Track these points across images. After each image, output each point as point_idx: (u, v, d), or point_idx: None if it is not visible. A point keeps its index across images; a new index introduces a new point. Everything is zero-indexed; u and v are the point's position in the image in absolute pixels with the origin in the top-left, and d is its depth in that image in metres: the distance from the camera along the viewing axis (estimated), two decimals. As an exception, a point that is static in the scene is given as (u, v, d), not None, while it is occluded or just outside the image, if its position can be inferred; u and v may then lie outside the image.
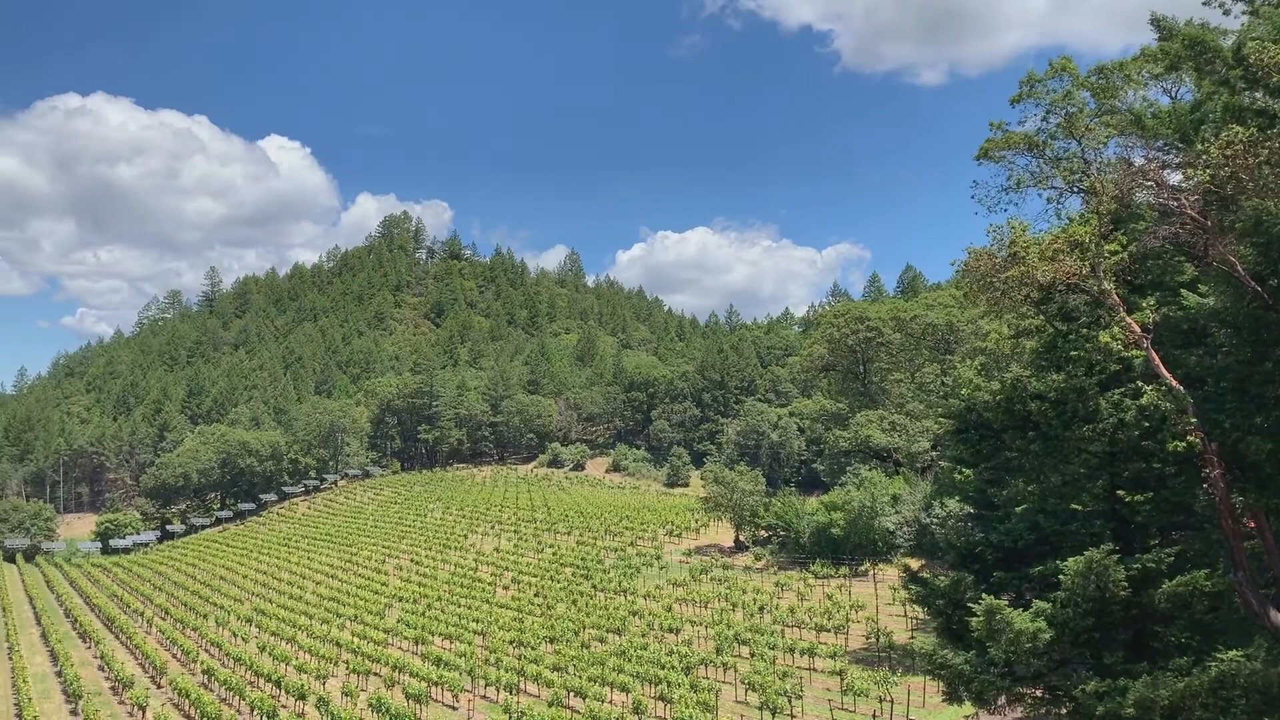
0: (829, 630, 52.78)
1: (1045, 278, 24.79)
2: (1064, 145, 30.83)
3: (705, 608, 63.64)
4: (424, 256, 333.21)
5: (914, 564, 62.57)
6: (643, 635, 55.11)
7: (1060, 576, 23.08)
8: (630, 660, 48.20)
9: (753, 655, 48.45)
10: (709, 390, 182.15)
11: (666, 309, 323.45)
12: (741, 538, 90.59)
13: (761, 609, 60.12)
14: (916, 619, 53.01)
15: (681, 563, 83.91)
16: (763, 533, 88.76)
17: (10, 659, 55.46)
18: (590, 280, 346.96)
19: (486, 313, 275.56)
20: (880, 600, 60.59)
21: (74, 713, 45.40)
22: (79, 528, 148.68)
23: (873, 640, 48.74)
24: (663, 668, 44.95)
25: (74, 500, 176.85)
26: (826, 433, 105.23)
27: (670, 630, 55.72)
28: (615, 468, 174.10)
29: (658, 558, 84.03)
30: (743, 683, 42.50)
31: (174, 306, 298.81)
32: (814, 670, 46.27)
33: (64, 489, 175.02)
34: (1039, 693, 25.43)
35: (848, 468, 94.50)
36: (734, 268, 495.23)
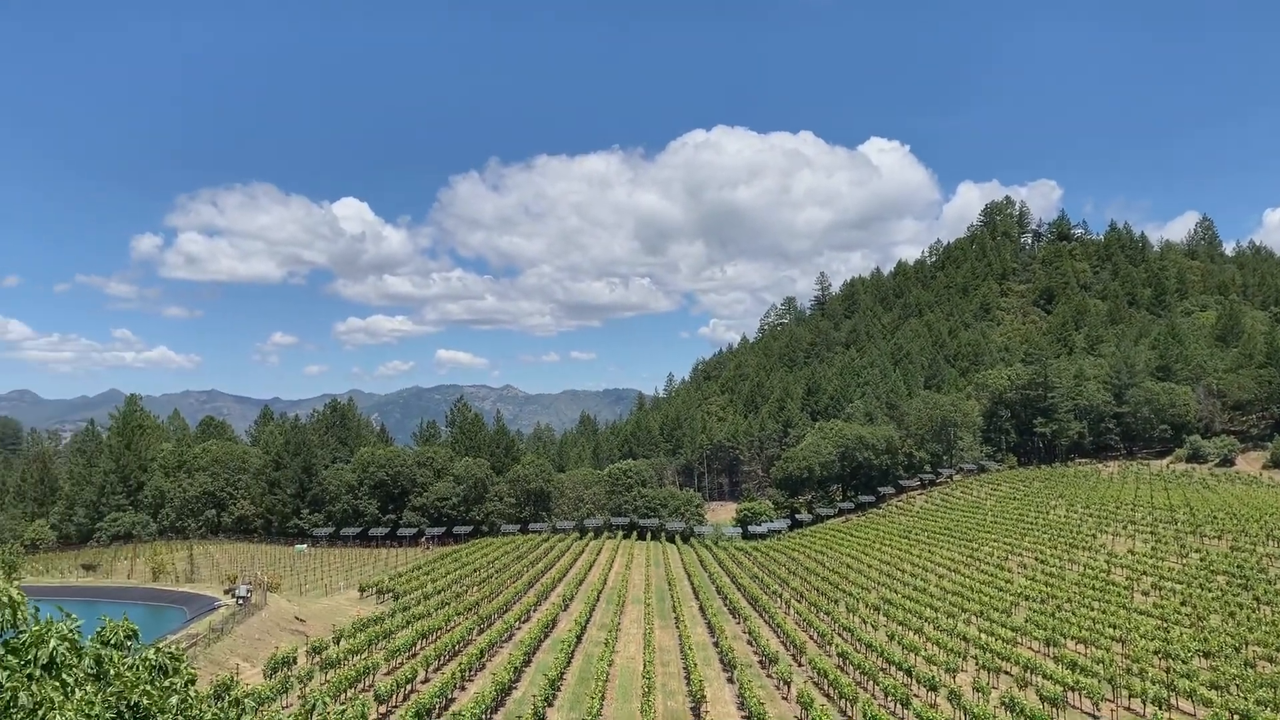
0: None
1: None
2: None
3: None
4: (1029, 241, 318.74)
5: None
6: (1327, 659, 46.80)
7: None
8: (1312, 687, 41.21)
9: None
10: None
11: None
12: None
13: None
14: None
15: (1375, 577, 69.76)
16: None
17: (678, 628, 63.94)
18: (1228, 248, 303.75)
19: (1102, 295, 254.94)
20: None
21: (730, 680, 50.83)
22: (721, 514, 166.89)
23: None
24: (1359, 700, 37.77)
25: (716, 489, 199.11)
26: None
27: (1366, 657, 46.61)
28: (1275, 463, 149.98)
29: (1341, 569, 70.84)
30: None
31: (790, 312, 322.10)
32: None
33: (708, 479, 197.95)
34: None
35: None
36: None
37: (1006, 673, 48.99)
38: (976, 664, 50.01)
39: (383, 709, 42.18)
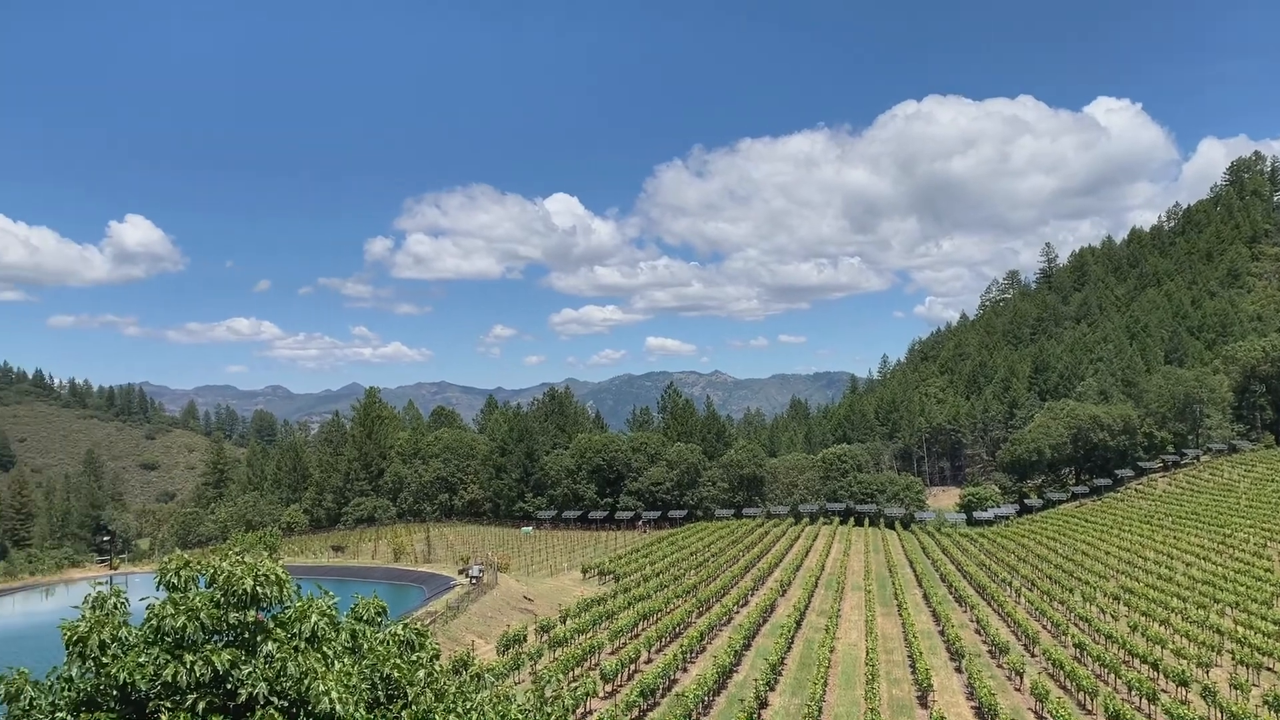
0: None
1: None
2: None
3: None
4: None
5: None
6: None
7: None
8: None
9: None
10: None
11: None
12: None
13: None
14: None
15: None
16: None
17: (900, 615, 62.39)
18: None
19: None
20: None
21: (958, 670, 49.12)
22: (944, 499, 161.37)
23: None
24: None
25: (937, 474, 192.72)
26: None
27: None
28: None
29: None
30: None
31: (1013, 286, 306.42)
32: None
33: (928, 464, 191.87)
34: None
35: None
36: None
37: (1269, 669, 45.02)
38: (1233, 659, 46.19)
39: (609, 687, 43.45)
